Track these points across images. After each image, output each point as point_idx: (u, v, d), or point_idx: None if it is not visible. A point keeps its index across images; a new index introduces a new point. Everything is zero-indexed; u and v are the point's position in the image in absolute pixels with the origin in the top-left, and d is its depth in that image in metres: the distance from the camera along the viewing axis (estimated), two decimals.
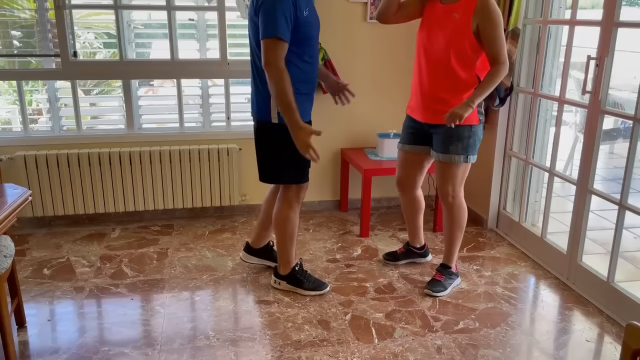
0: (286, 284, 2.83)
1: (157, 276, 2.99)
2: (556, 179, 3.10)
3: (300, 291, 2.81)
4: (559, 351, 2.37)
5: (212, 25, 3.59)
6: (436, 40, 2.55)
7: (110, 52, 3.84)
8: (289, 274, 2.82)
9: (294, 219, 2.73)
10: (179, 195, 3.67)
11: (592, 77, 2.68)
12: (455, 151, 2.65)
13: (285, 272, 2.82)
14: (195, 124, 3.76)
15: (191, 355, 2.30)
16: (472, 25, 2.45)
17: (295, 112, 2.38)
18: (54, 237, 3.50)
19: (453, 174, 2.72)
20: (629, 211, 2.57)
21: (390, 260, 3.16)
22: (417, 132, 2.80)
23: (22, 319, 2.50)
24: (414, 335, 2.46)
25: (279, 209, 2.72)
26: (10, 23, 3.42)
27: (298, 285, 2.82)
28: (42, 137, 3.54)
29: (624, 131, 5.29)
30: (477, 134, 2.66)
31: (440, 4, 2.56)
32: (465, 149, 2.65)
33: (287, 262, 2.81)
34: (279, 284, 2.85)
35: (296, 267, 2.83)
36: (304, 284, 2.81)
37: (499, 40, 2.44)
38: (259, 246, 3.03)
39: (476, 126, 2.64)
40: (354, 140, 3.96)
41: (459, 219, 2.83)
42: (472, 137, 2.64)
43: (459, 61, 2.52)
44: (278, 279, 2.85)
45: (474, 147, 2.68)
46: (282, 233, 2.74)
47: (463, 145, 2.64)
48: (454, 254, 2.91)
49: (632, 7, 7.13)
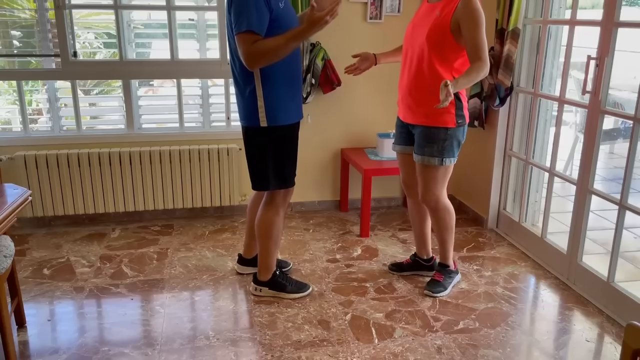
0: (268, 289, 2.75)
1: (157, 276, 2.99)
2: (556, 179, 3.10)
3: (284, 295, 2.75)
4: (559, 351, 2.37)
5: (212, 25, 3.59)
6: (418, 37, 2.54)
7: (110, 52, 3.84)
8: (270, 280, 2.75)
9: (280, 224, 2.67)
10: (179, 195, 3.67)
11: (592, 77, 2.68)
12: (430, 153, 2.60)
13: (266, 278, 2.74)
14: (195, 124, 3.76)
15: (191, 355, 2.30)
16: (452, 23, 2.42)
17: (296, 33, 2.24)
18: (54, 237, 3.50)
19: (431, 176, 2.66)
20: (629, 211, 2.57)
21: (395, 270, 3.06)
22: (404, 132, 2.77)
23: (22, 319, 2.50)
24: (414, 335, 2.46)
25: (264, 214, 2.63)
26: (10, 23, 3.42)
27: (281, 289, 2.75)
28: (42, 137, 3.54)
29: (624, 131, 5.29)
30: (454, 137, 2.58)
31: (427, 2, 2.58)
32: (441, 151, 2.58)
33: (269, 268, 2.73)
34: (259, 291, 2.77)
35: (276, 272, 2.76)
36: (287, 287, 2.75)
37: (480, 39, 2.39)
38: (251, 256, 2.98)
39: (453, 129, 2.56)
40: (354, 140, 3.96)
41: (444, 220, 2.77)
42: (448, 140, 2.57)
43: (437, 60, 2.48)
44: (259, 285, 2.77)
45: (451, 151, 2.60)
46: (267, 238, 2.65)
47: (438, 147, 2.58)
48: (448, 252, 2.88)
49: (632, 7, 7.13)
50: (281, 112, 2.45)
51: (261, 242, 2.68)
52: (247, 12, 2.23)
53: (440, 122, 2.55)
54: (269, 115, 2.43)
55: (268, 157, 2.51)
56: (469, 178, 3.93)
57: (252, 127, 2.48)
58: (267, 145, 2.50)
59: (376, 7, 3.69)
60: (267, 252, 2.69)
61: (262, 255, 2.71)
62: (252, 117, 2.44)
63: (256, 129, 2.47)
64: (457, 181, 4.10)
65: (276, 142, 2.49)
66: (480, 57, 2.40)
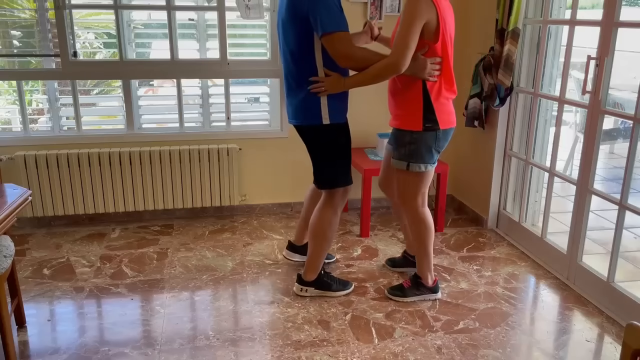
0: (314, 289, 2.75)
1: (157, 276, 2.99)
2: (556, 179, 3.10)
3: (330, 294, 2.76)
4: (559, 351, 2.37)
5: (212, 25, 3.59)
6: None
7: (110, 52, 3.84)
8: (316, 280, 2.75)
9: (336, 225, 2.68)
10: (179, 195, 3.67)
11: (592, 77, 2.68)
12: (399, 156, 2.57)
13: (312, 278, 2.74)
14: (195, 124, 3.76)
15: (191, 355, 2.30)
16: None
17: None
18: (54, 237, 3.50)
19: (402, 180, 2.62)
20: (629, 211, 2.57)
21: (389, 265, 3.11)
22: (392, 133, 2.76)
23: (22, 319, 2.50)
24: (414, 335, 2.46)
25: (323, 214, 2.64)
26: (10, 23, 3.42)
27: (327, 288, 2.76)
28: (42, 137, 3.54)
29: (624, 131, 5.28)
30: (422, 141, 2.50)
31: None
32: (408, 155, 2.53)
33: (317, 268, 2.72)
34: (305, 291, 2.76)
35: (321, 272, 2.76)
36: (333, 286, 2.77)
37: (399, 37, 2.32)
38: (301, 243, 3.04)
39: (420, 133, 2.48)
40: (354, 140, 3.91)
41: (419, 234, 2.67)
42: (414, 144, 2.50)
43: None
44: (304, 286, 2.76)
45: (418, 156, 2.51)
46: (322, 239, 2.65)
47: (405, 151, 2.53)
48: (423, 267, 2.74)
49: (632, 7, 7.13)
50: (339, 110, 2.54)
51: (315, 242, 2.67)
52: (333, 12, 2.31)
53: (406, 125, 2.51)
54: (331, 113, 2.49)
55: (333, 155, 2.57)
56: (469, 178, 3.93)
57: (313, 126, 2.52)
58: (330, 142, 2.55)
59: (376, 7, 3.70)
60: (319, 253, 2.69)
61: (313, 256, 2.70)
62: (314, 115, 2.49)
63: (318, 127, 2.51)
64: (457, 181, 4.11)
65: (337, 138, 2.55)
66: (392, 53, 2.33)
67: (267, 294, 2.81)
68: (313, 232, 2.67)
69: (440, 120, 2.49)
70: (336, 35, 2.31)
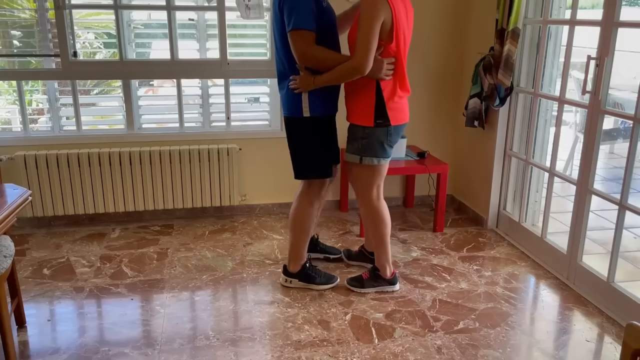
0: (298, 281, 2.84)
1: (157, 276, 2.99)
2: (556, 179, 3.10)
3: (313, 287, 2.83)
4: (559, 351, 2.37)
5: (212, 25, 3.59)
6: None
7: (110, 52, 3.84)
8: (300, 271, 2.83)
9: (312, 216, 2.77)
10: (179, 195, 3.67)
11: (592, 77, 2.68)
12: (352, 150, 2.63)
13: (296, 269, 2.83)
14: (195, 124, 3.76)
15: (191, 355, 2.30)
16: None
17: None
18: (54, 237, 3.50)
19: (357, 173, 2.69)
20: (629, 211, 2.57)
21: (346, 257, 3.15)
22: None
23: (22, 319, 2.50)
24: (414, 335, 2.46)
25: (298, 204, 2.75)
26: (10, 23, 3.42)
27: (310, 281, 2.83)
28: (42, 137, 3.54)
29: (624, 131, 5.28)
30: (374, 136, 2.56)
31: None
32: (360, 149, 2.59)
33: (299, 259, 2.82)
34: (290, 282, 2.86)
35: (306, 264, 2.84)
36: (316, 279, 2.83)
37: (361, 40, 2.34)
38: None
39: (372, 128, 2.55)
40: None
41: (375, 227, 2.73)
42: (367, 139, 2.57)
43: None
44: (289, 277, 2.86)
45: (371, 150, 2.58)
46: (299, 229, 2.77)
47: (358, 145, 2.60)
48: (381, 259, 2.79)
49: (632, 7, 7.13)
50: (320, 104, 2.58)
51: (292, 233, 2.79)
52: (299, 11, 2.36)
53: (359, 121, 2.58)
54: (311, 106, 2.55)
55: (304, 146, 2.63)
56: (469, 178, 3.93)
57: (292, 117, 2.60)
58: (304, 134, 2.62)
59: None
60: (298, 244, 2.80)
61: (293, 245, 2.81)
62: (294, 107, 2.57)
63: (296, 119, 2.60)
64: (457, 181, 4.11)
65: (313, 131, 2.60)
66: (354, 57, 2.39)
67: (267, 294, 2.81)
68: (290, 223, 2.80)
69: (391, 117, 2.56)
70: (297, 32, 2.39)
